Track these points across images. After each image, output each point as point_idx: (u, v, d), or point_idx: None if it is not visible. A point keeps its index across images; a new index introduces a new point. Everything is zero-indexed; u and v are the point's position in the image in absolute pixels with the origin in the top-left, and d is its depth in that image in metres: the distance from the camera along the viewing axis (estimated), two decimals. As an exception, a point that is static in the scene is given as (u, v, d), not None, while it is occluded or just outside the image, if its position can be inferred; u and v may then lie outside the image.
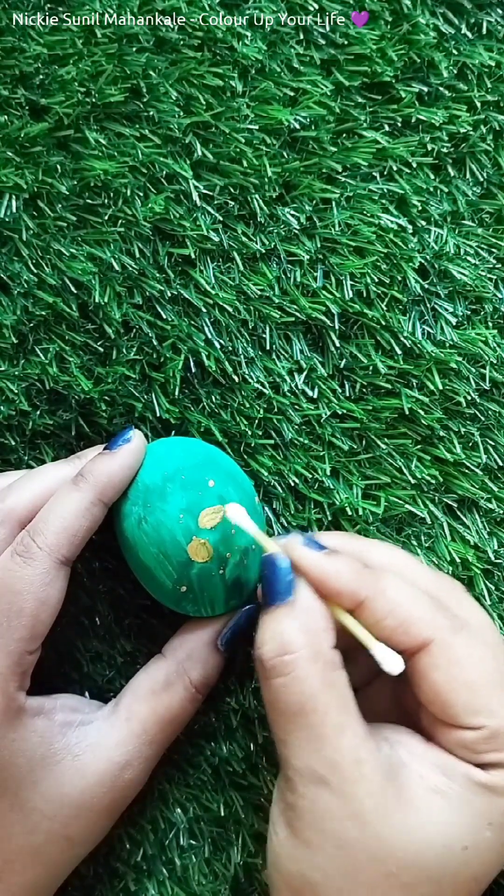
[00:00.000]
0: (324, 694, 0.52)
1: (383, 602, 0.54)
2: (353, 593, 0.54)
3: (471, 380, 0.66)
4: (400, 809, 0.51)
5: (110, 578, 0.67)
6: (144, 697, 0.61)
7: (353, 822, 0.51)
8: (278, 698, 0.53)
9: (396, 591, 0.55)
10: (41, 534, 0.58)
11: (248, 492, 0.62)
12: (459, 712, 0.53)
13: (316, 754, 0.52)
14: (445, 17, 0.68)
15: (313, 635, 0.54)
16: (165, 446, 0.62)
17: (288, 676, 0.53)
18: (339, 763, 0.52)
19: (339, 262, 0.66)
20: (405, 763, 0.53)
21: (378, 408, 0.66)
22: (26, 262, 0.66)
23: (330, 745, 0.52)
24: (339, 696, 0.53)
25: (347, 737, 0.52)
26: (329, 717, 0.52)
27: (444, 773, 0.53)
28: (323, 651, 0.53)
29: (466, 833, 0.52)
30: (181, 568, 0.60)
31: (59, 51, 0.66)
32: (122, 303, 0.66)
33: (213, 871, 0.66)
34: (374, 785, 0.51)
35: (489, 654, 0.55)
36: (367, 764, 0.52)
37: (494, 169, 0.68)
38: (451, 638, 0.54)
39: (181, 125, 0.66)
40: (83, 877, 0.66)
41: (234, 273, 0.66)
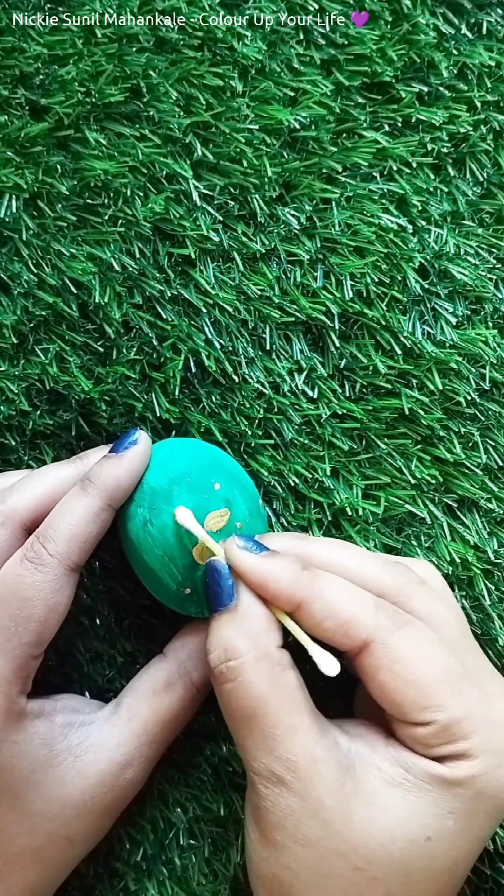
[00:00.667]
0: (273, 696, 0.53)
1: (321, 604, 0.54)
2: (289, 596, 0.54)
3: (471, 380, 0.66)
4: (360, 805, 0.52)
5: (110, 578, 0.67)
6: (145, 697, 0.62)
7: (315, 821, 0.52)
8: (229, 703, 0.54)
9: (334, 593, 0.55)
10: (52, 541, 0.58)
11: (251, 494, 0.62)
12: (407, 710, 0.54)
13: (271, 755, 0.52)
14: (445, 17, 0.68)
15: (257, 638, 0.54)
16: (170, 448, 0.62)
17: (235, 681, 0.53)
18: (295, 763, 0.52)
19: (340, 262, 0.66)
20: (363, 757, 0.54)
21: (378, 408, 0.66)
22: (26, 262, 0.66)
23: (283, 745, 0.52)
24: (289, 697, 0.54)
25: (301, 736, 0.53)
26: (281, 719, 0.53)
27: (402, 767, 0.53)
28: (269, 653, 0.54)
29: (428, 824, 0.52)
30: (186, 570, 0.60)
31: (60, 51, 0.66)
32: (123, 303, 0.66)
33: (212, 871, 0.66)
34: (331, 782, 0.52)
35: (436, 649, 0.55)
36: (322, 762, 0.52)
37: (494, 169, 0.68)
38: (391, 637, 0.54)
39: (181, 125, 0.66)
40: (83, 876, 0.66)
41: (234, 273, 0.66)
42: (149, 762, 0.62)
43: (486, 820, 0.54)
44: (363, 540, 0.65)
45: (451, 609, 0.60)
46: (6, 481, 0.64)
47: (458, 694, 0.54)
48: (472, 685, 0.55)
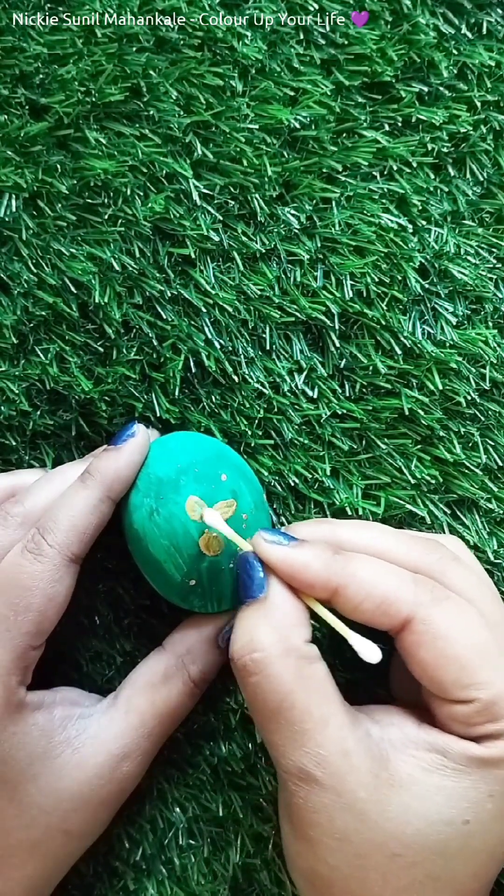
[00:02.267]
0: (300, 689, 0.52)
1: (356, 586, 0.54)
2: (324, 583, 0.54)
3: (471, 380, 0.66)
4: (395, 793, 0.51)
5: (110, 578, 0.67)
6: (143, 690, 0.62)
7: (349, 814, 0.51)
8: (255, 697, 0.53)
9: (369, 572, 0.54)
10: (51, 532, 0.58)
11: (256, 487, 0.63)
12: (449, 687, 0.53)
13: (301, 751, 0.52)
14: (445, 17, 0.68)
15: (284, 631, 0.54)
16: (177, 440, 0.62)
17: (260, 675, 0.53)
18: (326, 757, 0.52)
19: (340, 261, 0.66)
20: (397, 745, 0.53)
21: (378, 408, 0.66)
22: (26, 261, 0.66)
23: (313, 740, 0.52)
24: (317, 689, 0.53)
25: (331, 729, 0.52)
26: (310, 712, 0.52)
27: (437, 751, 0.53)
28: (296, 646, 0.53)
29: (466, 807, 0.52)
30: (192, 561, 0.60)
31: (59, 50, 0.66)
32: (123, 303, 0.66)
33: (211, 871, 0.66)
34: (364, 774, 0.51)
35: (476, 623, 0.55)
36: (355, 754, 0.52)
37: (494, 169, 0.68)
38: (431, 612, 0.54)
39: (181, 124, 0.66)
40: (83, 875, 0.66)
41: (234, 273, 0.66)
42: (147, 755, 0.62)
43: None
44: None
45: (483, 583, 0.59)
46: (20, 479, 0.64)
47: (498, 671, 0.53)
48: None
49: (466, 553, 0.62)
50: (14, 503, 0.62)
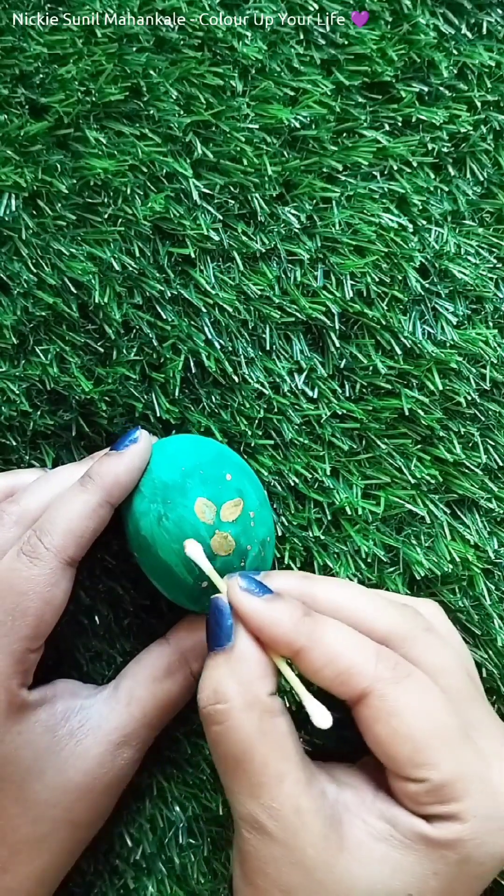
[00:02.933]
0: (260, 743, 0.52)
1: (320, 652, 0.53)
2: (289, 643, 0.53)
3: (471, 380, 0.66)
4: (343, 857, 0.51)
5: (110, 578, 0.67)
6: (145, 683, 0.62)
7: (296, 870, 0.51)
8: (217, 746, 0.54)
9: (335, 640, 0.54)
10: (48, 534, 0.58)
11: (258, 485, 0.63)
12: (402, 764, 0.53)
13: (256, 802, 0.52)
14: (445, 18, 0.68)
15: (248, 684, 0.53)
16: (177, 443, 0.62)
17: (223, 725, 0.53)
18: (279, 812, 0.52)
19: (340, 261, 0.66)
20: (350, 808, 0.54)
21: (378, 408, 0.66)
22: (26, 261, 0.66)
23: (268, 793, 0.52)
24: (277, 745, 0.53)
25: (287, 785, 0.52)
26: (267, 767, 0.52)
27: (389, 822, 0.53)
28: (259, 699, 0.53)
29: (411, 882, 0.52)
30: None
31: (59, 50, 0.66)
32: (123, 303, 0.66)
33: (211, 870, 0.66)
34: (315, 834, 0.51)
35: (436, 704, 0.54)
36: (307, 813, 0.52)
37: (495, 168, 0.68)
38: (390, 689, 0.53)
39: (181, 124, 0.66)
40: (84, 873, 0.66)
41: (234, 273, 0.66)
42: (145, 743, 0.62)
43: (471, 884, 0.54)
44: (363, 539, 0.65)
45: (456, 655, 0.59)
46: (19, 479, 0.64)
47: (454, 753, 0.53)
48: (470, 744, 0.54)
49: (443, 621, 0.62)
50: (11, 502, 0.62)
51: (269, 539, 0.61)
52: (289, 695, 0.63)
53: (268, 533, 0.61)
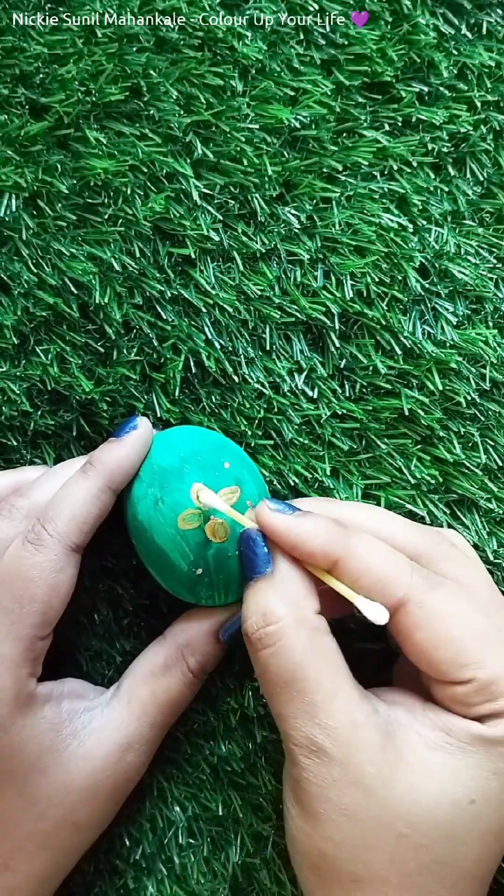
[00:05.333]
0: (312, 660, 0.53)
1: (356, 561, 0.54)
2: (326, 553, 0.54)
3: (471, 380, 0.66)
4: (402, 770, 0.52)
5: (109, 578, 0.67)
6: (143, 680, 0.62)
7: (357, 789, 0.51)
8: (268, 669, 0.54)
9: (369, 551, 0.55)
10: (52, 521, 0.58)
11: (259, 477, 0.63)
12: (446, 668, 0.53)
13: (311, 722, 0.52)
14: (445, 18, 0.68)
15: (295, 603, 0.54)
16: (179, 432, 0.63)
17: (274, 646, 0.53)
18: (336, 729, 0.52)
19: (340, 261, 0.66)
20: (403, 723, 0.54)
21: (378, 408, 0.66)
22: (26, 261, 0.66)
23: (324, 711, 0.52)
24: (328, 661, 0.53)
25: (341, 700, 0.52)
26: (321, 683, 0.52)
27: (442, 730, 0.53)
28: (307, 618, 0.54)
29: (472, 786, 0.52)
30: (198, 548, 0.60)
31: (60, 50, 0.66)
32: (123, 303, 0.66)
33: (211, 870, 0.66)
34: (372, 748, 0.52)
35: (471, 607, 0.55)
36: (363, 727, 0.52)
37: (495, 168, 0.68)
38: (427, 595, 0.54)
39: (181, 124, 0.66)
40: (84, 873, 0.66)
41: (234, 273, 0.66)
42: (150, 744, 0.62)
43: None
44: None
45: (481, 574, 0.59)
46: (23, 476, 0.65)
47: (496, 651, 0.54)
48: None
49: (465, 545, 0.63)
50: (19, 496, 0.62)
51: None
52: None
53: None
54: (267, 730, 0.66)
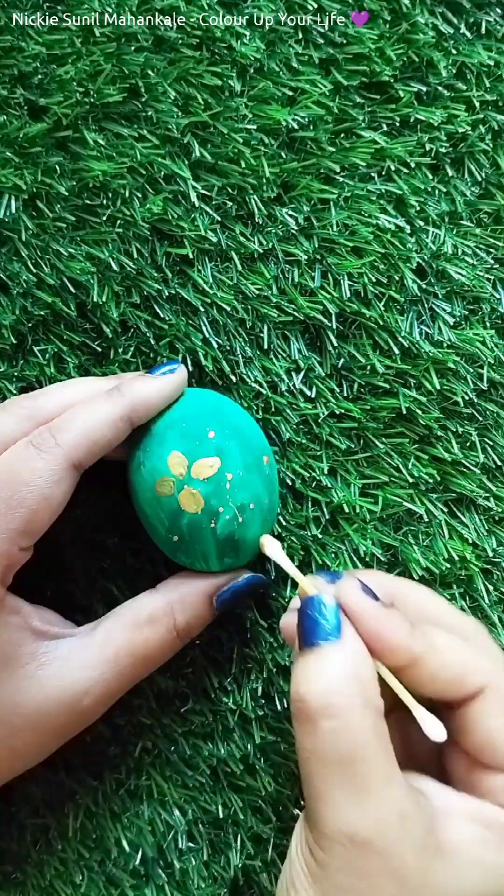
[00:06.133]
0: (374, 743, 0.49)
1: (435, 656, 0.52)
2: (408, 649, 0.52)
3: (468, 380, 0.66)
4: (438, 864, 0.49)
5: (106, 579, 0.67)
6: (125, 626, 0.60)
7: (392, 881, 0.48)
8: (325, 745, 0.50)
9: (447, 644, 0.53)
10: (62, 431, 0.57)
11: (253, 448, 0.61)
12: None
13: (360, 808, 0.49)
14: (444, 17, 0.68)
15: (366, 681, 0.51)
16: (183, 394, 0.62)
17: (339, 720, 0.49)
18: (385, 818, 0.48)
19: (337, 261, 0.66)
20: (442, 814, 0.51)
21: (376, 407, 0.66)
22: (25, 262, 0.66)
23: (376, 798, 0.49)
24: (386, 747, 0.50)
25: (393, 789, 0.49)
26: (378, 769, 0.49)
27: (480, 823, 0.51)
28: (373, 698, 0.51)
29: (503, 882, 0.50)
30: (172, 516, 0.59)
31: (58, 50, 0.66)
32: (121, 302, 0.66)
33: (211, 875, 0.66)
34: (416, 841, 0.49)
35: None
36: (410, 819, 0.49)
37: (493, 169, 0.68)
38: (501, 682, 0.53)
39: (179, 125, 0.66)
40: (76, 886, 0.66)
41: (232, 273, 0.66)
42: (110, 695, 0.60)
43: None
44: (361, 538, 0.65)
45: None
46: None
47: None
48: None
49: None
50: (26, 397, 0.61)
51: (252, 506, 0.60)
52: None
53: (251, 499, 0.60)
54: (266, 731, 0.66)
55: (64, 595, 0.67)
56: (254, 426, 0.62)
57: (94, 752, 0.67)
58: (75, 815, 0.66)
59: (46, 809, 0.67)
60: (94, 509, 0.67)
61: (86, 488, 0.63)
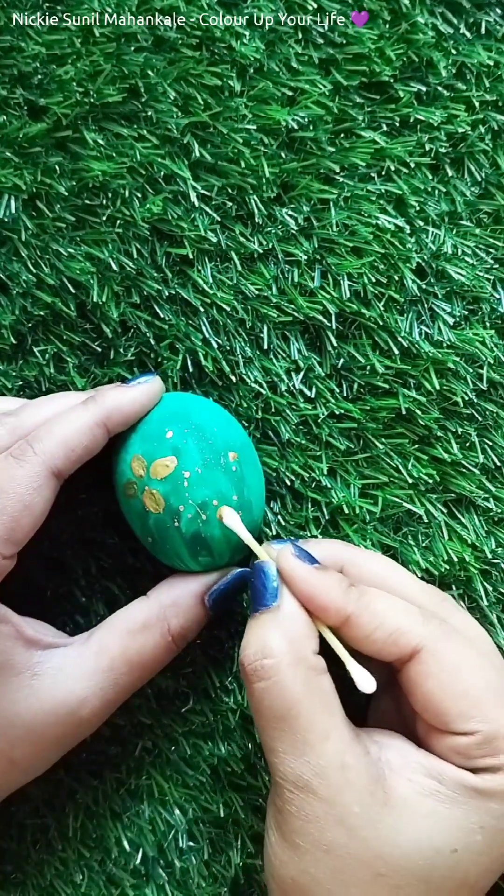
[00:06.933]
0: (307, 699, 0.53)
1: (370, 616, 0.54)
2: (339, 609, 0.54)
3: (468, 380, 0.66)
4: (388, 813, 0.51)
5: (106, 577, 0.67)
6: (118, 635, 0.60)
7: (340, 827, 0.51)
8: (262, 702, 0.53)
9: (383, 604, 0.55)
10: (39, 441, 0.58)
11: (215, 445, 0.61)
12: (453, 718, 0.53)
13: (301, 760, 0.52)
14: (444, 17, 0.68)
15: (296, 641, 0.54)
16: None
17: (270, 681, 0.53)
18: (325, 768, 0.51)
19: (337, 262, 0.66)
20: (394, 766, 0.53)
21: (375, 407, 0.66)
22: (25, 262, 0.66)
23: (314, 750, 0.52)
24: (322, 701, 0.53)
25: (332, 742, 0.52)
26: (313, 723, 0.52)
27: (434, 777, 0.53)
28: (306, 656, 0.53)
29: (456, 836, 0.52)
30: (140, 518, 0.60)
31: (58, 50, 0.66)
32: (120, 302, 0.66)
33: (212, 874, 0.66)
34: (360, 790, 0.51)
35: (481, 661, 0.55)
36: (352, 769, 0.52)
37: (493, 169, 0.68)
38: (441, 645, 0.54)
39: (179, 125, 0.66)
40: (76, 885, 0.66)
41: (231, 273, 0.66)
42: (107, 705, 0.60)
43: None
44: (360, 539, 0.65)
45: (484, 633, 0.60)
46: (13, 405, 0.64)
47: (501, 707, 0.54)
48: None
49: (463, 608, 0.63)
50: (7, 413, 0.61)
51: (215, 503, 0.60)
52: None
53: (213, 496, 0.60)
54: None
55: (64, 595, 0.67)
56: (222, 424, 0.62)
57: (94, 751, 0.67)
58: (75, 814, 0.66)
59: (46, 809, 0.67)
60: (94, 509, 0.67)
61: (86, 488, 0.63)
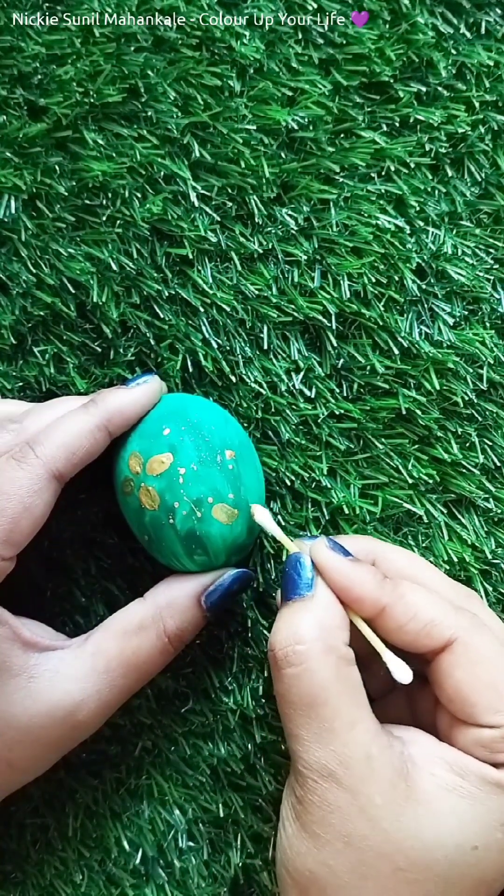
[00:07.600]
0: (336, 687, 0.53)
1: (404, 607, 0.55)
2: (375, 600, 0.55)
3: (468, 380, 0.66)
4: (410, 807, 0.51)
5: (106, 578, 0.67)
6: (114, 636, 0.60)
7: (362, 818, 0.51)
8: (290, 689, 0.53)
9: (416, 596, 0.55)
10: (41, 444, 0.58)
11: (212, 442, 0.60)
12: (480, 710, 0.54)
13: (326, 749, 0.52)
14: (444, 17, 0.68)
15: (328, 630, 0.54)
16: None
17: (300, 667, 0.53)
18: (350, 758, 0.52)
19: (337, 262, 0.66)
20: (417, 761, 0.53)
21: (375, 408, 0.66)
22: (25, 262, 0.66)
23: (340, 739, 0.52)
24: (351, 691, 0.53)
25: (359, 732, 0.52)
26: (340, 712, 0.52)
27: (456, 772, 0.53)
28: (337, 646, 0.54)
29: (477, 833, 0.52)
30: (136, 515, 0.60)
31: (58, 50, 0.66)
32: (120, 302, 0.66)
33: (211, 874, 0.66)
34: (384, 781, 0.51)
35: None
36: (377, 760, 0.52)
37: (493, 169, 0.68)
38: (473, 637, 0.55)
39: (179, 125, 0.66)
40: (76, 885, 0.66)
41: (231, 273, 0.66)
42: (105, 707, 0.60)
43: None
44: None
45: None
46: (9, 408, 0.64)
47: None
48: None
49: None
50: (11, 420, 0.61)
51: (212, 500, 0.59)
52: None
53: (208, 493, 0.59)
54: (266, 731, 0.66)
55: (64, 595, 0.67)
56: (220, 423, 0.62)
57: (94, 751, 0.67)
58: (75, 814, 0.66)
59: (46, 809, 0.67)
60: (94, 509, 0.67)
61: (86, 488, 0.63)
